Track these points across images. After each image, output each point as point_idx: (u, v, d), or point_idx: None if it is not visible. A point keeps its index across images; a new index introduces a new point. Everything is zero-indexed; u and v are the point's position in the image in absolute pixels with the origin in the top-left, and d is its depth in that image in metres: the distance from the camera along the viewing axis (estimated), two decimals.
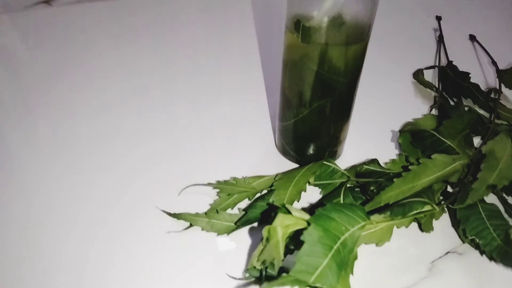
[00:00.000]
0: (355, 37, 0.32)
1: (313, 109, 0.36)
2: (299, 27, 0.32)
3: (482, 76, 0.52)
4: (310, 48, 0.32)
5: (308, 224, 0.27)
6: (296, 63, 0.34)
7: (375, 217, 0.30)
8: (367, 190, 0.34)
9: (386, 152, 0.41)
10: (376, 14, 0.32)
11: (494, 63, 0.50)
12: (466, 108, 0.44)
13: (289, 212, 0.28)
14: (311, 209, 0.33)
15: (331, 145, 0.39)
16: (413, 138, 0.39)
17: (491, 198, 0.34)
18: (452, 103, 0.46)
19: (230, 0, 0.65)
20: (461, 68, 0.49)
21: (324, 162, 0.36)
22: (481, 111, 0.45)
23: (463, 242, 0.34)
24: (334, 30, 0.31)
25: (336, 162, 0.40)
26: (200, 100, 0.48)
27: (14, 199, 0.36)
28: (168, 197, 0.36)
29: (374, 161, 0.38)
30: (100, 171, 0.39)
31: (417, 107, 0.47)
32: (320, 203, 0.34)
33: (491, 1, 0.69)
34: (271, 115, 0.45)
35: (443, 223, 0.35)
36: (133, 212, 0.35)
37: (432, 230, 0.34)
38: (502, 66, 0.50)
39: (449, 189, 0.36)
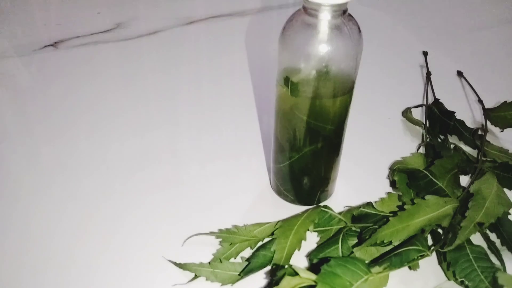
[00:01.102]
0: (341, 90, 0.35)
1: (304, 153, 0.38)
2: (288, 82, 0.34)
3: (470, 112, 0.54)
4: (299, 100, 0.35)
5: (315, 282, 0.29)
6: (287, 112, 0.37)
7: (375, 269, 0.32)
8: (363, 237, 0.36)
9: (376, 190, 0.43)
10: (359, 68, 0.35)
11: (480, 101, 0.52)
12: (452, 146, 0.47)
13: (295, 273, 0.29)
14: (312, 266, 0.35)
15: (323, 186, 0.42)
16: (409, 178, 0.41)
17: (476, 237, 0.36)
18: (439, 140, 0.48)
19: (228, 50, 0.68)
20: (449, 103, 0.51)
21: (322, 209, 0.38)
22: (467, 148, 0.48)
23: (449, 279, 0.36)
24: (321, 85, 0.34)
25: (329, 201, 0.42)
26: (198, 143, 0.50)
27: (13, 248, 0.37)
28: (172, 247, 0.38)
29: (369, 204, 0.40)
30: (102, 224, 0.40)
31: (406, 145, 0.49)
32: (322, 256, 0.35)
33: (478, 35, 0.72)
34: (266, 157, 0.47)
35: (428, 261, 0.37)
36: (138, 262, 0.37)
37: (418, 267, 0.36)
38: (490, 99, 0.52)
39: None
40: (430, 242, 0.38)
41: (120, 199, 0.42)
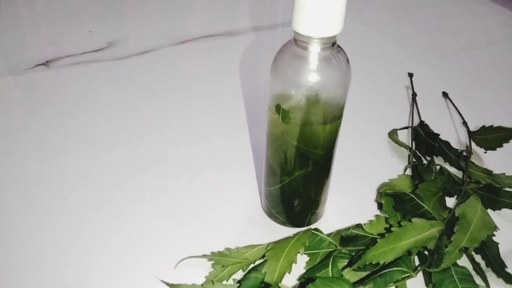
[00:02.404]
0: (330, 117, 0.36)
1: (295, 177, 0.39)
2: (280, 110, 0.36)
3: (455, 132, 0.56)
4: (289, 126, 0.36)
5: None
6: (278, 137, 0.38)
7: None
8: (353, 260, 0.37)
9: (365, 212, 0.44)
10: (347, 96, 0.37)
11: (465, 123, 0.54)
12: (437, 167, 0.48)
13: None
14: (301, 284, 0.36)
15: (313, 208, 0.43)
16: (395, 202, 0.43)
17: (461, 258, 0.37)
18: (425, 161, 0.50)
19: (219, 69, 0.69)
20: (435, 124, 0.52)
21: (313, 232, 0.39)
22: (452, 169, 0.49)
23: None
24: (311, 113, 0.35)
25: (320, 223, 0.43)
26: (190, 164, 0.50)
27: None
28: (165, 268, 0.38)
29: (358, 226, 0.41)
30: (95, 241, 0.41)
31: (393, 166, 0.50)
32: (310, 277, 0.36)
33: (464, 56, 0.74)
34: (258, 179, 0.48)
35: (416, 282, 0.38)
36: (130, 282, 0.37)
37: None
38: (475, 120, 0.54)
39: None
40: (417, 263, 0.39)
41: (112, 218, 0.43)
